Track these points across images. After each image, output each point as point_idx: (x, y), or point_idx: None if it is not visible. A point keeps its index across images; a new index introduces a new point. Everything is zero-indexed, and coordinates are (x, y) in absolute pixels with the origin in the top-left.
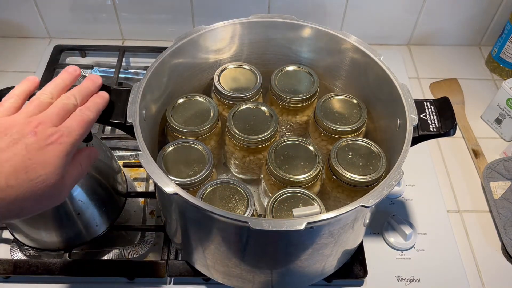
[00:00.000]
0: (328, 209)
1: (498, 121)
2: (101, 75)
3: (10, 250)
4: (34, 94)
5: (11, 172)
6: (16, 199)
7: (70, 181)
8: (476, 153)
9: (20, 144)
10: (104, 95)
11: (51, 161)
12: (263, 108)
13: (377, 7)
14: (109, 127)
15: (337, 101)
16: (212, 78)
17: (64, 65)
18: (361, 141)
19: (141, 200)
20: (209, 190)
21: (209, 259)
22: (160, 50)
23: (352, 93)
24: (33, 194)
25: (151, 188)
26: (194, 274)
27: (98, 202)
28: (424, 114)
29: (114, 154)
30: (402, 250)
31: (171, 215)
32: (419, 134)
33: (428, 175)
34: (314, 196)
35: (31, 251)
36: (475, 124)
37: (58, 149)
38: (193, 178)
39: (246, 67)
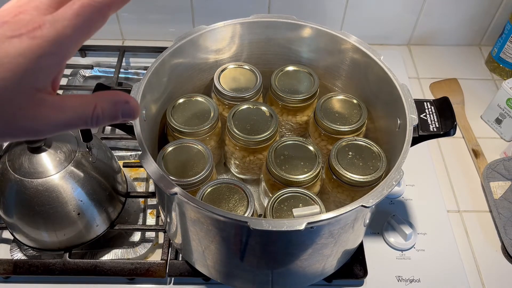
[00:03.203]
0: (328, 209)
1: (498, 121)
2: (101, 75)
3: (10, 250)
4: None
5: None
6: None
7: (57, 111)
8: (476, 153)
9: None
10: None
11: (7, 60)
12: (263, 108)
13: (377, 7)
14: (109, 127)
15: (337, 101)
16: (212, 78)
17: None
18: (361, 141)
19: (141, 200)
20: (209, 190)
21: (209, 259)
22: (160, 50)
23: (352, 93)
24: None
25: (151, 188)
26: (194, 274)
27: (98, 202)
28: (424, 114)
29: (114, 154)
30: (402, 250)
31: (171, 215)
32: (419, 134)
33: (428, 175)
34: (314, 196)
35: (31, 251)
36: (475, 124)
37: (25, 44)
38: (193, 178)
39: (246, 67)
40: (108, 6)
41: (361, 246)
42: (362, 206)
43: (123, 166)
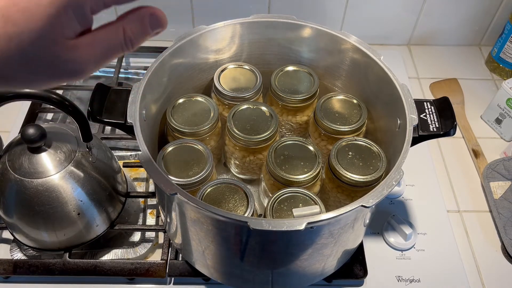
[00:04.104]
0: (328, 209)
1: (498, 121)
2: (101, 75)
3: (10, 250)
4: None
5: None
6: None
7: (92, 48)
8: (476, 153)
9: None
10: None
11: (38, 9)
12: (263, 108)
13: (377, 7)
14: (109, 127)
15: (337, 101)
16: (212, 78)
17: None
18: (361, 141)
19: (141, 200)
20: (209, 190)
21: (209, 259)
22: (160, 50)
23: (352, 93)
24: (16, 55)
25: (151, 188)
26: (194, 274)
27: (98, 202)
28: (424, 114)
29: (114, 154)
30: (402, 250)
31: (171, 215)
32: (419, 134)
33: (428, 175)
34: (314, 196)
35: (31, 251)
36: (475, 124)
37: None
38: (193, 178)
39: (246, 67)
40: None
41: (361, 246)
42: (362, 206)
43: (123, 166)
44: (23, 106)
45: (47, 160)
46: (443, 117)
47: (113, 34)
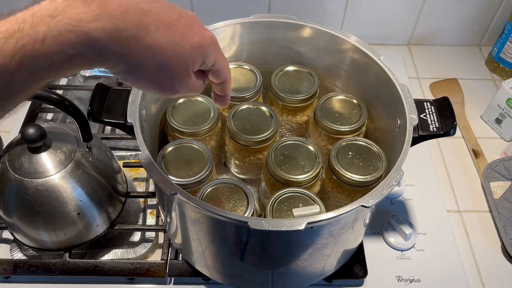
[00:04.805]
0: (328, 209)
1: (498, 121)
2: (101, 75)
3: (10, 250)
4: None
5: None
6: (138, 36)
7: (191, 83)
8: (476, 153)
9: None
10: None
11: (193, 38)
12: (263, 108)
13: (377, 7)
14: (109, 127)
15: (337, 101)
16: None
17: None
18: (361, 141)
19: (141, 200)
20: (209, 190)
21: (209, 259)
22: None
23: (352, 93)
24: (159, 50)
25: (151, 188)
26: (194, 274)
27: (98, 202)
28: (424, 114)
29: (114, 154)
30: (402, 250)
31: (171, 215)
32: (419, 134)
33: (428, 175)
34: (314, 196)
35: (31, 251)
36: (475, 124)
37: (201, 36)
38: (193, 178)
39: (246, 67)
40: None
41: (361, 246)
42: (362, 206)
43: (123, 166)
44: (23, 106)
45: (47, 160)
46: (443, 117)
47: (200, 84)
